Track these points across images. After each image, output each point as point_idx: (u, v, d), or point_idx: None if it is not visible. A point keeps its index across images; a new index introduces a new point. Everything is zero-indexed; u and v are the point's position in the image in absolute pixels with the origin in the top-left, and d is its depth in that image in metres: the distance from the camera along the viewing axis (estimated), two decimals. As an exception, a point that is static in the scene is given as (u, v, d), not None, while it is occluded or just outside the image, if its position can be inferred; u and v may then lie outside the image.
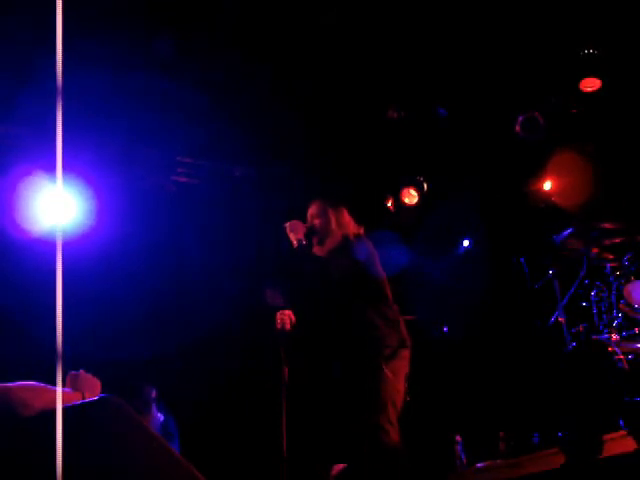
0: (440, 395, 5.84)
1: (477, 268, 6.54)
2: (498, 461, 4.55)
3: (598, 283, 4.78)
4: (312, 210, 3.83)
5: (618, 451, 3.59)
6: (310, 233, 3.75)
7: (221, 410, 5.38)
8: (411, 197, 6.41)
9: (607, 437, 3.69)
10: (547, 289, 5.30)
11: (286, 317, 3.62)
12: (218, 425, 5.36)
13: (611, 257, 4.76)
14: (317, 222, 3.77)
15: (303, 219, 3.87)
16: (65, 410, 1.38)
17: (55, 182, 5.03)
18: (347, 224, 3.76)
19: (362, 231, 3.80)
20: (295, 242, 3.66)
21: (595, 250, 4.78)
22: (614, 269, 4.68)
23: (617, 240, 4.76)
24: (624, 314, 4.50)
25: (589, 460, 3.67)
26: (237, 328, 5.55)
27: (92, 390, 1.88)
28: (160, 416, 4.19)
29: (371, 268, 3.60)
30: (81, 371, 1.93)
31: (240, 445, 5.32)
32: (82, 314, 4.29)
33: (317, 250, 3.73)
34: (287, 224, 3.73)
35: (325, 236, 3.73)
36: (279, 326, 3.61)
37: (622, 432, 3.67)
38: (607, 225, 4.74)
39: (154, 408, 4.16)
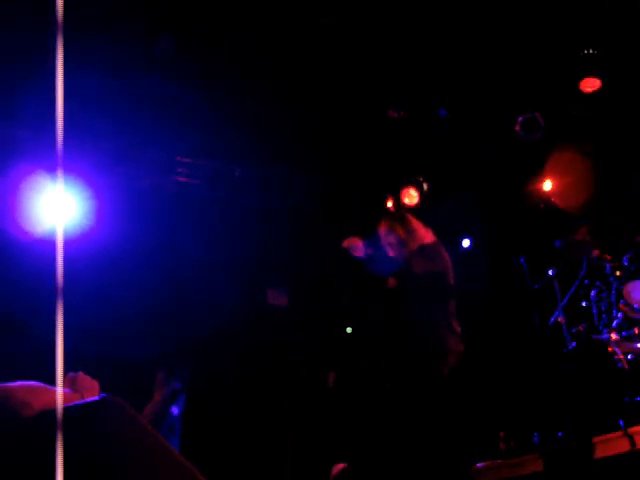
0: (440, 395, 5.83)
1: (477, 268, 6.54)
2: (498, 461, 4.55)
3: (598, 283, 4.79)
4: (382, 231, 4.00)
5: (616, 451, 3.60)
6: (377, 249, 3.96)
7: (220, 410, 5.38)
8: (411, 197, 6.41)
9: (605, 437, 3.70)
10: (547, 289, 5.30)
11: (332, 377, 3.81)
12: (217, 425, 5.36)
13: (611, 257, 4.76)
14: (391, 239, 3.93)
15: (303, 219, 3.96)
16: (65, 410, 1.38)
17: (56, 182, 5.02)
18: (416, 229, 3.94)
19: (431, 233, 3.98)
20: (361, 253, 3.88)
21: (595, 250, 4.78)
22: (614, 269, 4.68)
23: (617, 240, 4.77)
24: (624, 314, 4.50)
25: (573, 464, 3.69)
26: (237, 327, 5.55)
27: (91, 391, 1.88)
28: (174, 410, 4.19)
29: (441, 271, 3.81)
30: (80, 372, 1.93)
31: (239, 445, 5.32)
32: (82, 314, 4.30)
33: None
34: (345, 244, 3.93)
35: (402, 247, 3.90)
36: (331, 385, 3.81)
37: (619, 432, 3.67)
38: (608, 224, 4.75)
39: (164, 392, 4.16)
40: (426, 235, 3.95)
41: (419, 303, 3.71)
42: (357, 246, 3.87)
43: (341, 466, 3.76)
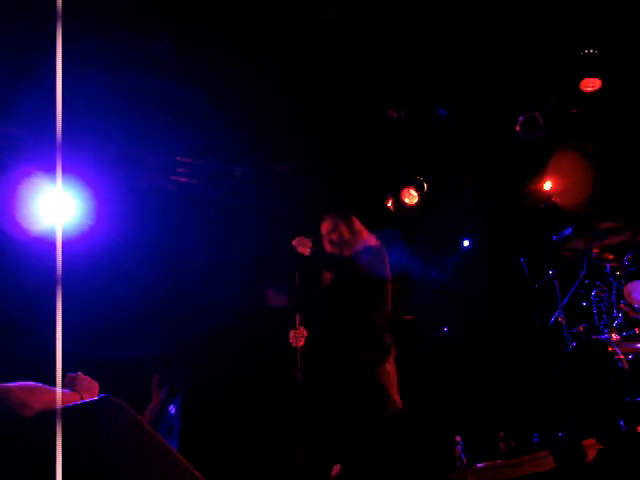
0: (440, 395, 5.84)
1: (477, 268, 6.55)
2: (498, 461, 4.55)
3: (598, 283, 4.79)
4: (325, 227, 3.99)
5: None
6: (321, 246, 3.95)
7: (220, 410, 5.38)
8: (411, 197, 6.41)
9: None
10: (547, 289, 5.30)
11: (300, 334, 3.72)
12: (217, 424, 5.36)
13: (611, 257, 4.76)
14: (334, 237, 3.93)
15: (303, 219, 3.97)
16: (65, 410, 1.38)
17: (55, 182, 5.02)
18: (360, 230, 3.95)
19: (375, 238, 3.97)
20: (308, 251, 3.84)
21: (595, 250, 4.78)
22: (614, 269, 4.68)
23: (617, 240, 4.77)
24: (624, 314, 4.50)
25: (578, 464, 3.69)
26: (237, 328, 5.55)
27: (90, 391, 1.88)
28: (172, 408, 4.18)
29: (383, 274, 3.78)
30: (79, 373, 1.93)
31: (239, 445, 5.32)
32: (82, 314, 4.29)
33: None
34: (294, 242, 3.89)
35: (343, 247, 3.90)
36: (294, 344, 3.71)
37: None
38: (607, 225, 4.75)
39: (161, 394, 4.15)
40: (370, 238, 3.95)
41: (358, 304, 3.70)
42: (305, 244, 3.85)
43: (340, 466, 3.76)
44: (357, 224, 3.98)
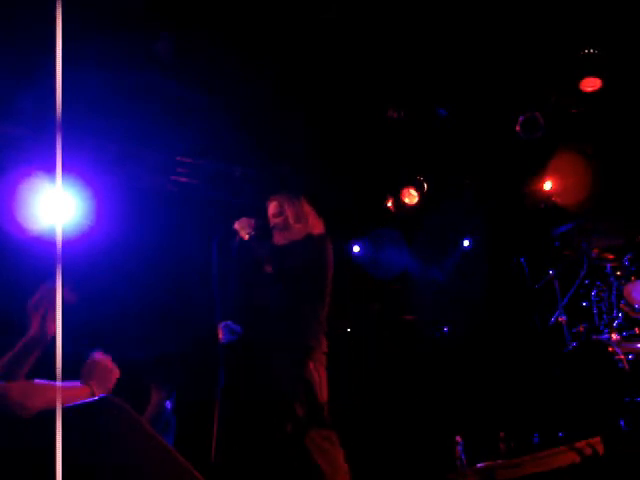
0: (440, 395, 5.84)
1: (477, 268, 6.55)
2: (498, 461, 4.55)
3: (598, 283, 4.79)
4: (271, 209, 3.77)
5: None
6: (261, 229, 3.73)
7: (215, 407, 5.38)
8: (411, 197, 6.41)
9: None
10: (547, 289, 5.30)
11: (229, 330, 3.59)
12: (212, 422, 5.36)
13: (611, 257, 4.77)
14: (278, 221, 3.71)
15: None
16: (65, 410, 1.38)
17: (55, 182, 5.01)
18: (306, 215, 3.69)
19: (322, 224, 3.72)
20: (246, 236, 3.64)
21: (595, 250, 4.79)
22: (614, 269, 4.69)
23: (618, 240, 4.78)
24: (624, 314, 4.50)
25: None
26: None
27: (106, 381, 1.87)
28: (168, 405, 4.19)
29: (319, 269, 3.54)
30: (99, 357, 1.91)
31: (237, 444, 5.31)
32: (81, 314, 4.29)
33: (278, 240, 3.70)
34: (236, 224, 3.71)
35: (285, 231, 3.68)
36: (221, 340, 3.58)
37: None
38: (608, 224, 4.75)
39: (161, 394, 4.16)
40: (316, 225, 3.67)
41: (291, 295, 3.46)
42: (247, 224, 3.64)
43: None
44: (305, 207, 3.69)
